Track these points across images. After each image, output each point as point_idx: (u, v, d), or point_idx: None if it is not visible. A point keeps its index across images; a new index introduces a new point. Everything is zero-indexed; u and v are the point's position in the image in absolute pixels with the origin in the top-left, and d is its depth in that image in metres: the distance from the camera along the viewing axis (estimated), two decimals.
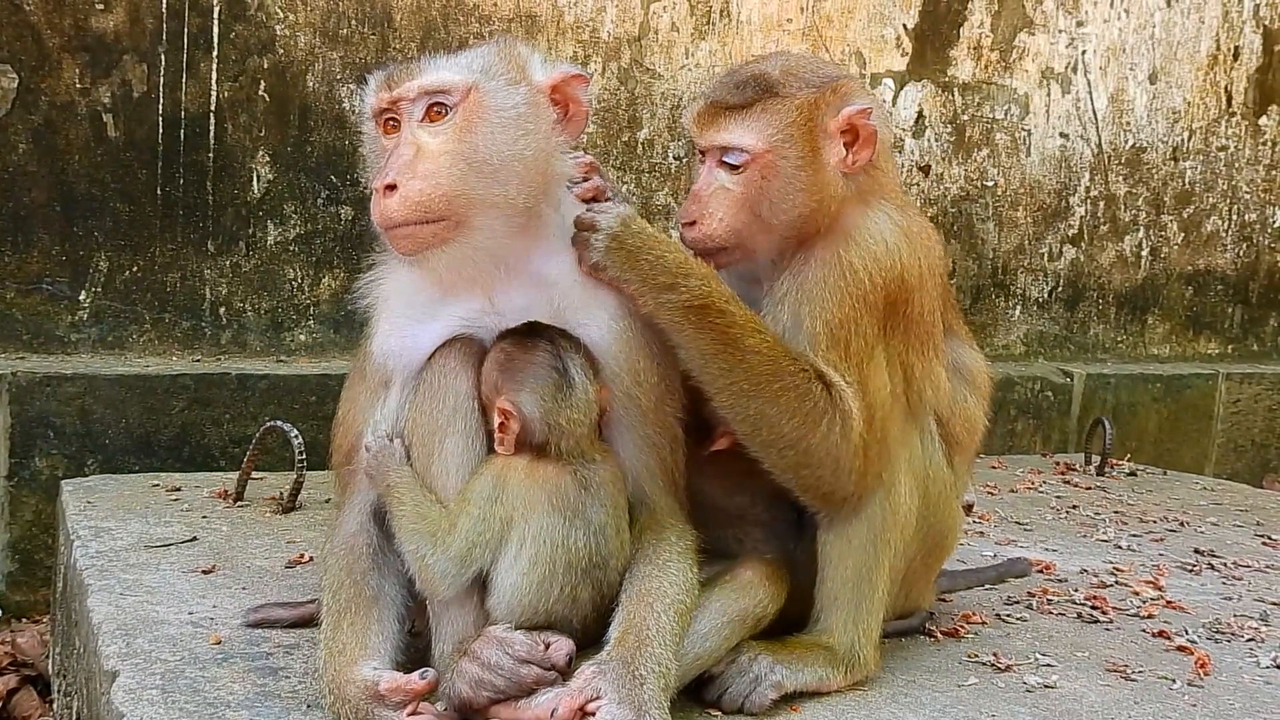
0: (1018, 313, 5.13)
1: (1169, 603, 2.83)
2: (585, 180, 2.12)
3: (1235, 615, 2.76)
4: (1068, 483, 4.21)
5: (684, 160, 4.48)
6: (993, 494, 3.92)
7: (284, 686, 2.03)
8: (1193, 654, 2.46)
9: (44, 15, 3.66)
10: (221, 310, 3.94)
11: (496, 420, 1.94)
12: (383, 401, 2.05)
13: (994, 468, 4.34)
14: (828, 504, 2.15)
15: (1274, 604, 2.89)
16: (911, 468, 2.22)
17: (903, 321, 2.18)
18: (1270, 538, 3.57)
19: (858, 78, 2.68)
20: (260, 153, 3.93)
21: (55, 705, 2.97)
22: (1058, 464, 4.50)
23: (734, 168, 2.15)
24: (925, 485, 2.25)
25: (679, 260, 2.00)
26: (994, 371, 2.46)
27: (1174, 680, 2.34)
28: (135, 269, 3.83)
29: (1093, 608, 2.75)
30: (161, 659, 2.11)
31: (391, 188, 1.93)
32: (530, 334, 1.98)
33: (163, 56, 3.79)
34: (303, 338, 4.04)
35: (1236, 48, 5.36)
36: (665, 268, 1.98)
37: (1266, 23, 5.39)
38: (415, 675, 1.85)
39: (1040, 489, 4.07)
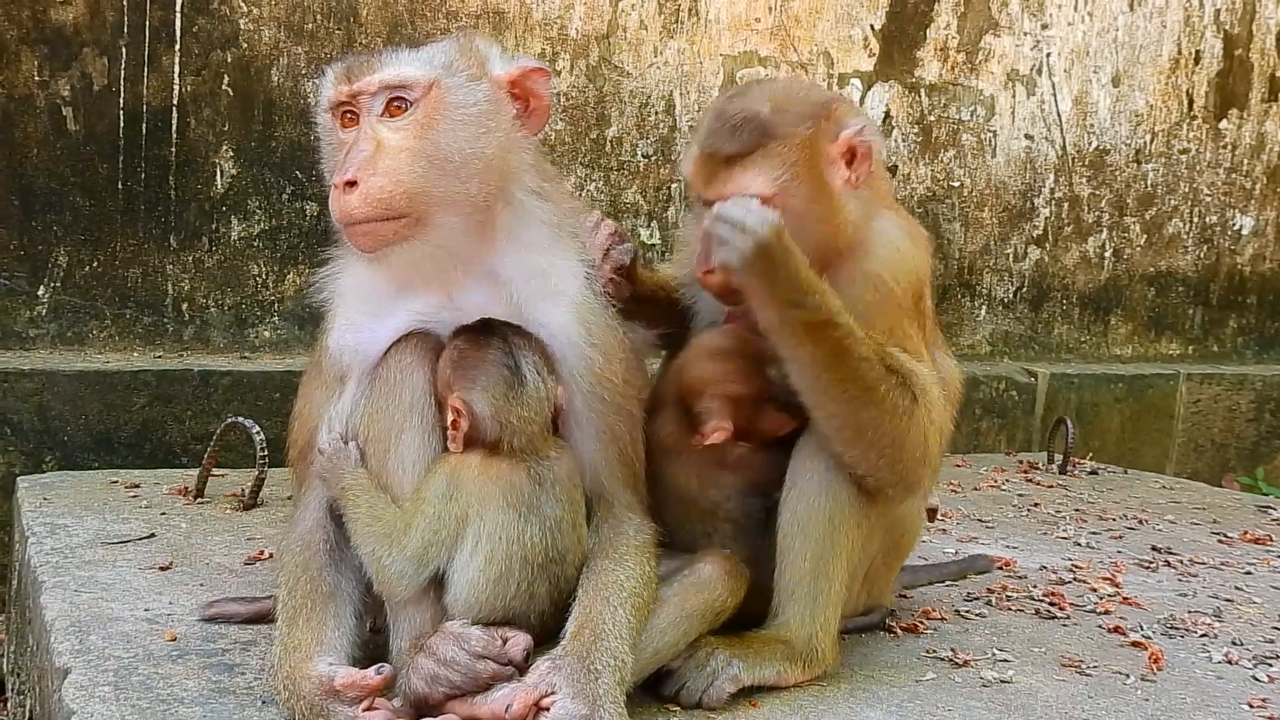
0: (983, 313, 5.17)
1: (1125, 599, 2.86)
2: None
3: (1190, 611, 2.79)
4: (1030, 481, 4.24)
5: (652, 159, 4.48)
6: (956, 492, 3.95)
7: (239, 683, 2.02)
8: (1147, 649, 2.48)
9: (1, 6, 3.62)
10: (184, 306, 3.91)
11: (449, 418, 1.94)
12: (339, 397, 2.04)
13: (958, 466, 4.36)
14: (908, 493, 2.21)
15: (1227, 600, 2.93)
16: None
17: (918, 316, 2.25)
18: (1226, 535, 3.61)
19: (845, 97, 2.69)
20: (224, 147, 3.90)
21: (9, 704, 2.93)
22: (1021, 463, 4.53)
23: None
24: None
25: (809, 278, 1.99)
26: (961, 373, 2.49)
27: (1128, 675, 2.36)
28: (95, 264, 3.79)
29: (1050, 604, 2.77)
30: (115, 656, 2.09)
31: (352, 184, 1.92)
32: (484, 331, 1.97)
33: (124, 49, 3.75)
34: (267, 334, 4.01)
35: (1198, 52, 5.42)
36: (797, 284, 1.98)
37: (1227, 27, 5.46)
38: (371, 670, 1.84)
39: (1003, 487, 4.11)
